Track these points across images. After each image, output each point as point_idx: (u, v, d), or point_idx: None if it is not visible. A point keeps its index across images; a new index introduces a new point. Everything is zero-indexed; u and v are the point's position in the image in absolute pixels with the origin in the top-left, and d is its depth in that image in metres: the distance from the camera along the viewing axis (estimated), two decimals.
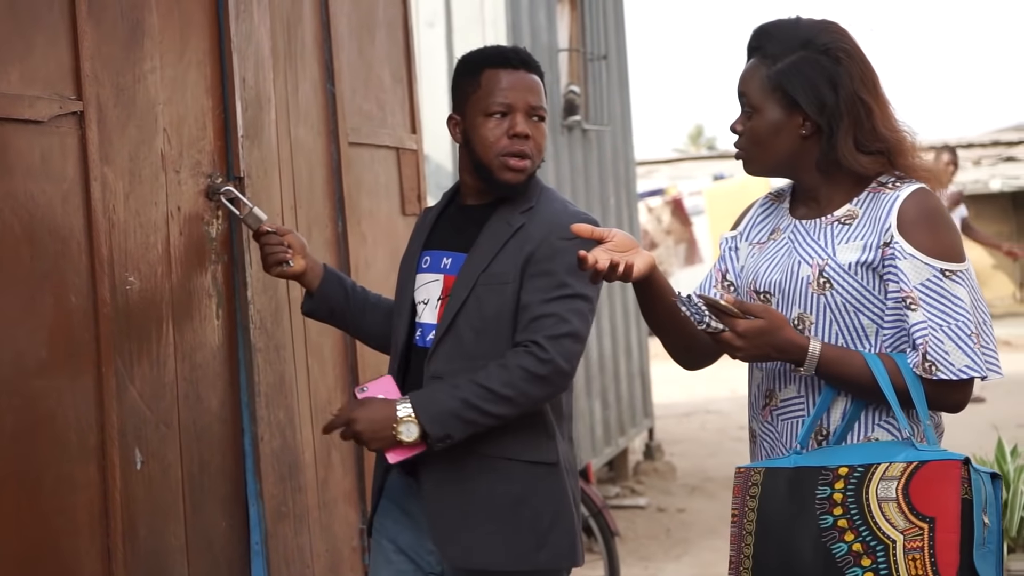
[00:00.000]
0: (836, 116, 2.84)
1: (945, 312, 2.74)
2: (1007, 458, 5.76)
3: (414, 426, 3.03)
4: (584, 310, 3.14)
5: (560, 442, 3.21)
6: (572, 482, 3.24)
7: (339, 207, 4.33)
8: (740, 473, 2.87)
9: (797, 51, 2.87)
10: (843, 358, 2.79)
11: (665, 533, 8.18)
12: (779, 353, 2.81)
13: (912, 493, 2.65)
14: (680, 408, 13.69)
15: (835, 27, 2.91)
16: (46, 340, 2.96)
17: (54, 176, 3.02)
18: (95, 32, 3.17)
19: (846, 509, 2.68)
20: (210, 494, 3.56)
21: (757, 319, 2.78)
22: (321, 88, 4.30)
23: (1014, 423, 11.28)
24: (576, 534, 3.23)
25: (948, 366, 2.73)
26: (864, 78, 2.86)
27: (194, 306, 3.52)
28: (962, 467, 2.66)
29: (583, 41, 9.30)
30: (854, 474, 2.70)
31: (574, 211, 3.21)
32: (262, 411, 3.75)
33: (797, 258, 2.89)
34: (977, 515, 2.66)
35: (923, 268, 2.76)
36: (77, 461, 3.04)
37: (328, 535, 4.09)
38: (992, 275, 26.05)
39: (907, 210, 2.80)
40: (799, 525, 2.72)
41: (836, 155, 2.86)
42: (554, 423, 3.20)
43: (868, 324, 2.83)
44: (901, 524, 2.64)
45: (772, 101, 2.89)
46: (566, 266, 3.10)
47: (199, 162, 3.58)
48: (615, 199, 9.88)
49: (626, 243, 2.92)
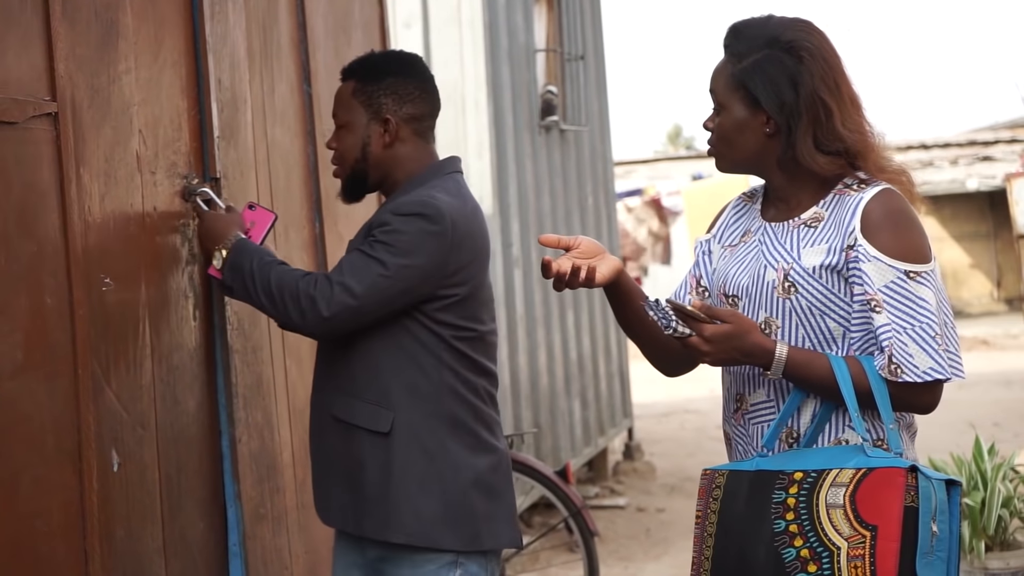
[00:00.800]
0: (795, 115, 2.84)
1: (910, 314, 2.74)
2: (984, 457, 5.78)
3: (222, 258, 3.42)
4: (373, 274, 3.25)
5: (405, 412, 3.31)
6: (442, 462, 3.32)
7: (316, 208, 4.32)
8: (705, 475, 2.87)
9: (763, 49, 2.87)
10: (810, 361, 2.80)
11: (645, 533, 8.20)
12: (746, 357, 2.82)
13: (859, 500, 2.64)
14: (659, 408, 13.72)
15: (804, 25, 2.91)
16: (21, 342, 2.94)
17: (29, 177, 3.00)
18: (69, 33, 3.16)
19: (797, 514, 2.68)
20: (187, 496, 3.55)
21: (724, 323, 2.79)
22: (298, 89, 4.29)
23: (991, 422, 11.33)
24: (419, 511, 3.31)
25: (913, 368, 2.73)
26: (826, 77, 2.84)
27: (171, 307, 3.51)
28: (907, 475, 2.64)
29: (560, 41, 9.31)
30: (807, 479, 2.70)
31: (415, 197, 3.34)
32: (240, 413, 3.74)
33: (764, 262, 2.90)
34: (923, 523, 2.64)
35: (887, 270, 2.76)
36: (53, 463, 3.03)
37: (307, 536, 4.08)
38: (970, 274, 26.17)
39: (871, 212, 2.80)
40: (755, 529, 2.72)
41: (795, 153, 2.86)
42: (404, 395, 3.31)
43: (835, 327, 2.82)
44: (846, 531, 2.63)
45: (737, 99, 2.90)
46: (385, 232, 3.28)
47: (175, 163, 3.57)
48: (593, 199, 9.89)
49: (592, 249, 3.00)
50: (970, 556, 5.54)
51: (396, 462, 3.31)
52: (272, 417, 3.95)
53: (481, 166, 7.74)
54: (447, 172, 3.47)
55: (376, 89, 3.46)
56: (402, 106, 3.46)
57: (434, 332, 3.32)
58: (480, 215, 3.46)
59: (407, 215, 3.29)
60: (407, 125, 3.47)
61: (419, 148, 3.50)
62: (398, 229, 3.27)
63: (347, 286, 3.25)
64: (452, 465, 3.33)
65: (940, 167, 24.33)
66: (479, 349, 3.39)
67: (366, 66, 3.52)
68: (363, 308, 3.26)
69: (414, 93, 3.48)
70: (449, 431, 3.33)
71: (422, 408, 3.32)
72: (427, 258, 3.27)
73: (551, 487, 6.06)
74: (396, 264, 3.25)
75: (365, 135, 3.47)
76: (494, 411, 3.46)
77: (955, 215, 25.73)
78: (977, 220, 25.98)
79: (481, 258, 3.40)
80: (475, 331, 3.37)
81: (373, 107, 3.46)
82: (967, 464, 5.78)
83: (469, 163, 7.68)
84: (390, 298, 3.26)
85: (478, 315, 3.38)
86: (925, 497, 2.65)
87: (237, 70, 3.87)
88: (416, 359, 3.32)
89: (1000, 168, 23.58)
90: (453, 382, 3.34)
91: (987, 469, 5.69)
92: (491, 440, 3.40)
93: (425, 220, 3.28)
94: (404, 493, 3.31)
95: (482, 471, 3.36)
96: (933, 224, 25.87)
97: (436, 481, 3.32)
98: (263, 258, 3.37)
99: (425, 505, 3.31)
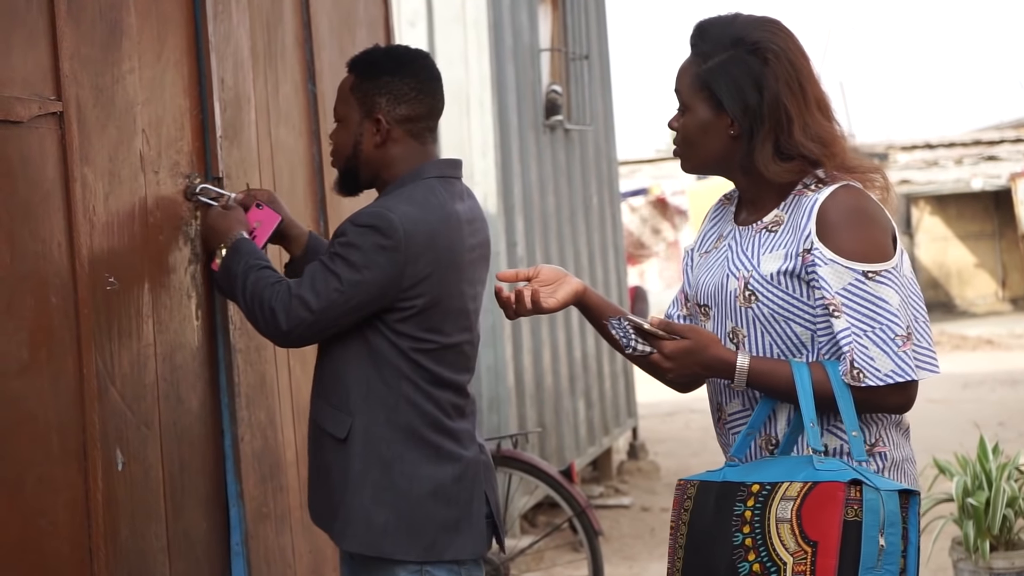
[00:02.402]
0: (758, 119, 2.78)
1: (871, 316, 2.68)
2: (989, 456, 5.77)
3: (221, 257, 3.46)
4: (329, 288, 3.25)
5: (363, 418, 3.30)
6: (397, 471, 3.30)
7: (321, 208, 4.33)
8: (679, 485, 2.84)
9: (728, 50, 2.81)
10: (772, 370, 2.76)
11: (649, 532, 8.20)
12: (708, 371, 2.80)
13: (804, 515, 2.60)
14: (664, 407, 13.71)
15: (771, 25, 2.84)
16: (27, 340, 2.95)
17: (34, 176, 3.01)
18: (74, 32, 3.16)
19: (752, 528, 2.65)
20: (191, 495, 3.55)
21: (684, 339, 2.77)
22: (302, 88, 4.29)
23: (995, 421, 11.32)
24: (370, 520, 3.30)
25: (875, 372, 2.67)
26: (791, 80, 2.78)
27: (174, 306, 3.52)
28: (847, 488, 2.59)
29: (565, 41, 9.31)
30: (763, 492, 2.66)
31: (373, 207, 3.33)
32: (242, 412, 3.75)
33: (726, 271, 2.86)
34: (867, 537, 2.58)
35: (844, 272, 2.69)
36: (58, 462, 3.04)
37: (310, 535, 4.08)
38: (975, 274, 26.13)
39: (825, 213, 2.73)
40: (718, 541, 2.69)
41: (752, 158, 2.81)
42: (362, 402, 3.30)
43: (802, 332, 2.77)
44: (792, 547, 2.60)
45: (700, 100, 2.85)
46: (341, 244, 3.27)
47: (177, 162, 3.57)
48: (598, 198, 9.89)
49: (552, 276, 3.04)
50: (975, 556, 5.53)
51: (353, 469, 3.30)
52: (275, 416, 3.95)
53: (485, 165, 7.74)
54: (425, 177, 3.38)
55: (371, 87, 3.41)
56: (396, 106, 3.40)
57: (393, 343, 3.28)
58: (452, 224, 3.35)
59: (362, 227, 3.25)
60: (400, 126, 3.40)
61: (412, 149, 3.42)
62: (352, 242, 3.24)
63: (304, 300, 3.24)
64: (408, 475, 3.29)
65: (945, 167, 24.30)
66: (443, 361, 3.33)
67: (366, 62, 3.47)
68: (319, 322, 3.26)
69: (410, 94, 3.41)
70: (407, 440, 3.30)
71: (380, 416, 3.29)
72: (380, 273, 3.23)
73: (555, 487, 6.06)
74: (350, 279, 3.22)
75: (358, 132, 3.43)
76: (464, 421, 3.39)
77: (960, 214, 25.71)
78: (982, 219, 25.94)
79: (444, 270, 3.31)
80: (436, 343, 3.31)
81: (367, 105, 3.41)
82: (972, 464, 5.77)
83: (473, 162, 7.69)
84: (345, 312, 3.25)
85: (440, 327, 3.32)
86: (870, 510, 2.59)
87: (241, 69, 3.87)
88: (377, 367, 3.29)
89: (1005, 168, 23.56)
90: (412, 393, 3.30)
91: (992, 469, 5.67)
92: (456, 450, 3.34)
93: (378, 233, 3.23)
94: (358, 501, 3.30)
95: (442, 481, 3.31)
96: (938, 223, 25.86)
97: (390, 490, 3.28)
98: (249, 261, 3.37)
99: (377, 514, 3.28)
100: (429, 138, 3.46)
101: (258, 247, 3.47)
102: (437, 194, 3.36)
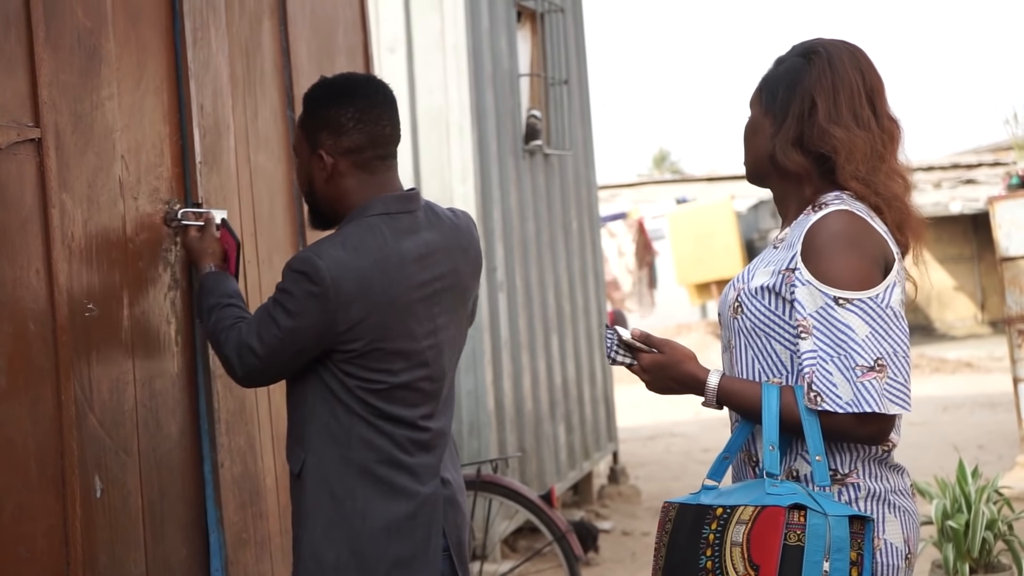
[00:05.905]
0: (785, 108, 2.83)
1: (833, 342, 2.66)
2: (968, 479, 5.78)
3: None
4: (271, 335, 3.24)
5: (316, 454, 3.28)
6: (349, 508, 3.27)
7: (300, 233, 4.33)
8: (664, 508, 2.86)
9: (794, 57, 2.88)
10: (742, 391, 2.78)
11: (630, 557, 8.18)
12: (681, 386, 2.85)
13: (752, 539, 2.62)
14: (644, 431, 13.71)
15: (837, 40, 2.89)
16: (4, 367, 2.94)
17: (12, 203, 3.01)
18: (52, 59, 3.16)
19: (713, 551, 2.66)
20: (170, 521, 3.54)
21: (659, 353, 2.85)
22: (281, 114, 4.30)
23: (975, 444, 11.35)
24: (319, 556, 3.27)
25: (834, 398, 2.65)
26: (823, 78, 2.81)
27: (152, 332, 3.51)
28: (790, 513, 2.60)
29: (544, 66, 9.33)
30: (723, 516, 2.68)
31: (305, 252, 3.26)
32: (222, 438, 3.74)
33: (732, 283, 2.92)
34: (809, 562, 2.57)
35: (817, 295, 2.69)
36: (37, 489, 3.02)
37: (290, 562, 4.06)
38: (954, 297, 26.22)
39: (812, 235, 2.74)
40: (688, 564, 2.70)
41: (774, 147, 2.85)
42: (316, 438, 3.29)
43: (781, 350, 2.78)
44: (741, 570, 2.61)
45: (756, 102, 2.93)
46: (279, 289, 3.24)
47: (157, 188, 3.57)
48: (577, 223, 9.90)
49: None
50: None
51: (307, 503, 3.28)
52: (255, 443, 3.94)
53: (465, 190, 7.75)
54: (369, 215, 3.28)
55: (314, 122, 3.33)
56: (338, 139, 3.29)
57: (342, 382, 3.24)
58: (390, 265, 3.24)
59: (294, 272, 3.20)
60: (345, 158, 3.30)
61: (361, 181, 3.31)
62: (287, 289, 3.21)
63: (251, 347, 3.26)
64: (360, 511, 3.25)
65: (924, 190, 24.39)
66: (392, 399, 3.27)
67: (309, 96, 3.38)
68: (269, 368, 3.27)
69: (348, 124, 3.28)
70: (359, 476, 3.26)
71: (333, 452, 3.26)
72: (313, 319, 3.18)
73: (536, 511, 6.04)
74: (287, 326, 3.20)
75: (308, 169, 3.37)
76: (426, 455, 3.34)
77: (939, 238, 25.79)
78: (961, 243, 26.05)
79: (382, 312, 3.22)
80: (384, 383, 3.24)
81: (312, 140, 3.33)
82: (951, 487, 5.78)
83: (453, 188, 7.69)
84: (289, 358, 3.24)
85: (387, 367, 3.24)
86: (814, 535, 2.58)
87: (220, 96, 3.88)
88: (329, 405, 3.26)
89: (983, 191, 23.65)
90: (364, 429, 3.26)
91: (971, 492, 5.69)
92: (411, 486, 3.29)
93: (307, 280, 3.18)
94: (309, 537, 3.28)
95: (396, 516, 3.27)
96: None
97: (341, 526, 3.25)
98: (210, 301, 3.45)
99: (327, 550, 3.26)
100: (381, 167, 3.33)
101: (225, 279, 3.52)
102: (376, 234, 3.25)
